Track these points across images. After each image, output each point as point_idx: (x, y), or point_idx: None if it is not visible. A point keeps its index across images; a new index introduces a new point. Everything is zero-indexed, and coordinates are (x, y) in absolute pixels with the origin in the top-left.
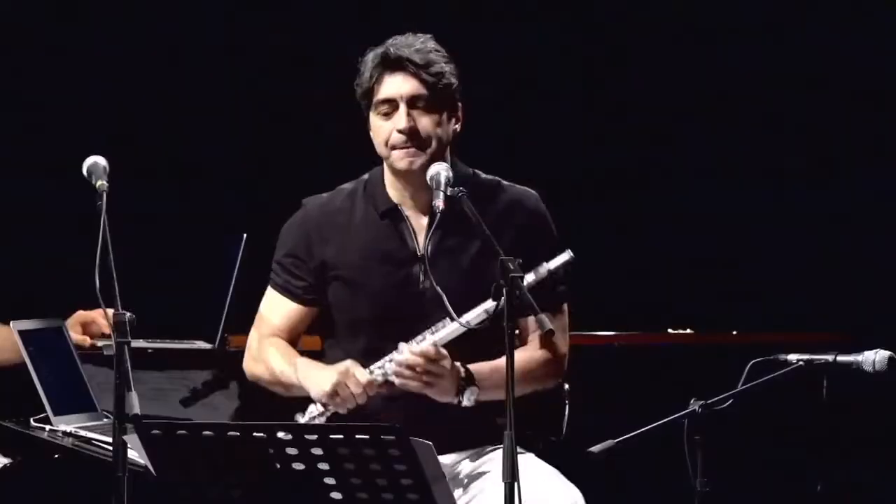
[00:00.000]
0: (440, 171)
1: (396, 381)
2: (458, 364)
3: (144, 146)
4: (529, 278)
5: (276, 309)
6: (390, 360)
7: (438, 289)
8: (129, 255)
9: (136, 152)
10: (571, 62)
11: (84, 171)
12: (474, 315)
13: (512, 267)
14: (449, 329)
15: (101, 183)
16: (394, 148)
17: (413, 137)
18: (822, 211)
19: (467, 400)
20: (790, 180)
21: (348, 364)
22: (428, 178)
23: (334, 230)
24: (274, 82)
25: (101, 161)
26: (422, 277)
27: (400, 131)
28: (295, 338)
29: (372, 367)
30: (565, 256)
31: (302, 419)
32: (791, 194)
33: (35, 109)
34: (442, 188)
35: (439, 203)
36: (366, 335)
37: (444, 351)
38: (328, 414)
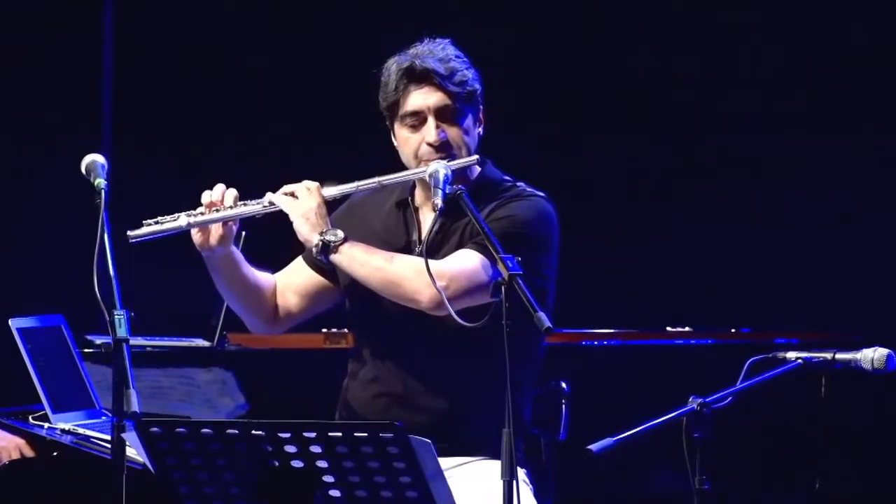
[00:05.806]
0: (439, 169)
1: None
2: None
3: (144, 143)
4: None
5: (292, 264)
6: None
7: (428, 264)
8: (127, 252)
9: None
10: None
11: (83, 169)
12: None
13: (511, 265)
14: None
15: (100, 181)
16: (423, 159)
17: (442, 149)
18: (822, 210)
19: (332, 235)
20: (790, 179)
21: None
22: (427, 175)
23: (359, 215)
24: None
25: (99, 159)
26: None
27: (430, 144)
28: (290, 295)
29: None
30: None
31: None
32: (791, 193)
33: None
34: (441, 186)
35: (438, 202)
36: (365, 315)
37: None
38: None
